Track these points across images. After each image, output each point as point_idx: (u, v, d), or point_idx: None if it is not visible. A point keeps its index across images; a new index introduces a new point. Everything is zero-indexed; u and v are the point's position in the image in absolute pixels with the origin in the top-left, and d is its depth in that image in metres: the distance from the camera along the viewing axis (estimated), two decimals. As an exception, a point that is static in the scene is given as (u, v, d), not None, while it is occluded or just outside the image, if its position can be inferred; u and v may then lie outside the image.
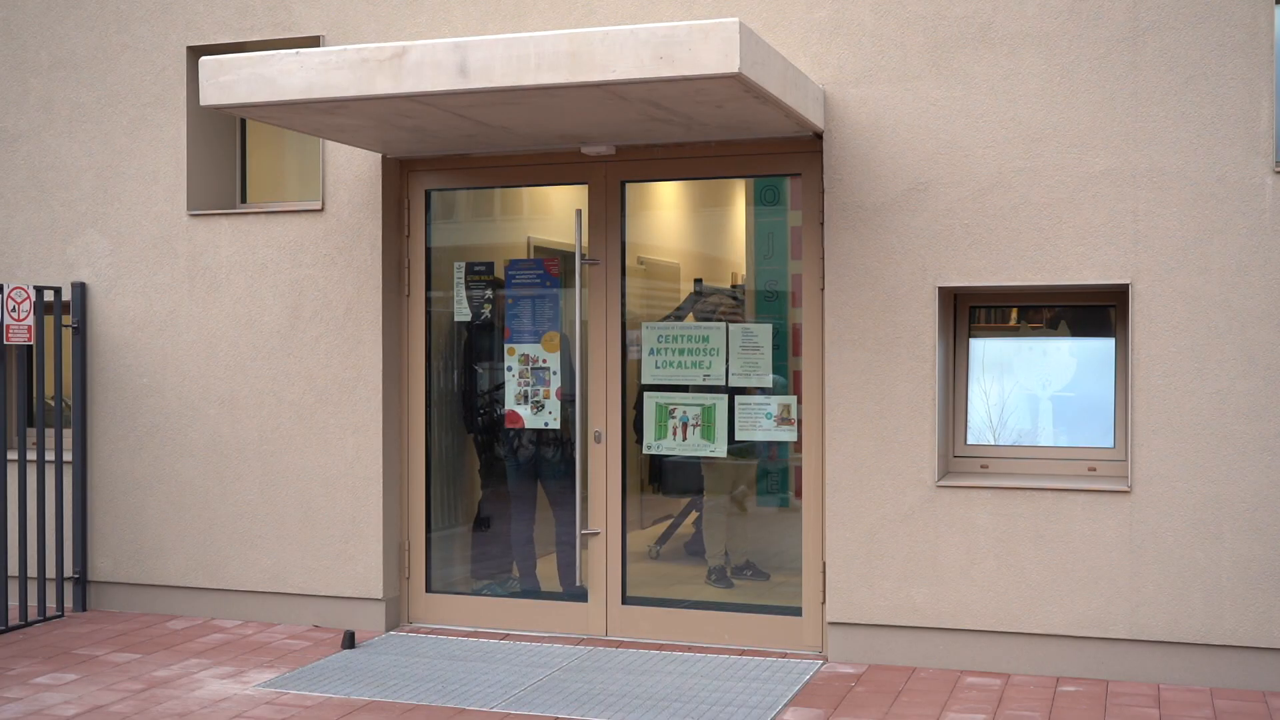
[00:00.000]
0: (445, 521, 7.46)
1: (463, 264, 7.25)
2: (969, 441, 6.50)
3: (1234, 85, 5.84)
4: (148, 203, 7.54)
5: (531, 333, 7.12)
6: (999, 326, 6.57)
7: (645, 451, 6.95)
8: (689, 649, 6.63)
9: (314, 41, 7.26)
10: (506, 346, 7.14)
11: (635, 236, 7.02)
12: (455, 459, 7.53)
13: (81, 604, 7.66)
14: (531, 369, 7.04)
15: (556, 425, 7.07)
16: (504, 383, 7.17)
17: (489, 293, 7.23)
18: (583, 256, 6.67)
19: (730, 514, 7.16)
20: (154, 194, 7.53)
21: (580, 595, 6.96)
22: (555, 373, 7.06)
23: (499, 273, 7.24)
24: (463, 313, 7.26)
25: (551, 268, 7.15)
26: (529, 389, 7.06)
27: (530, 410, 7.08)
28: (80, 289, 7.63)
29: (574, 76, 5.17)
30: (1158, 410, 5.95)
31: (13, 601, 7.53)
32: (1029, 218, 6.10)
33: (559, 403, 7.06)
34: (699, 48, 4.99)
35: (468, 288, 7.23)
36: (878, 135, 6.30)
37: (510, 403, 7.15)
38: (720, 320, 6.91)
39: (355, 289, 7.14)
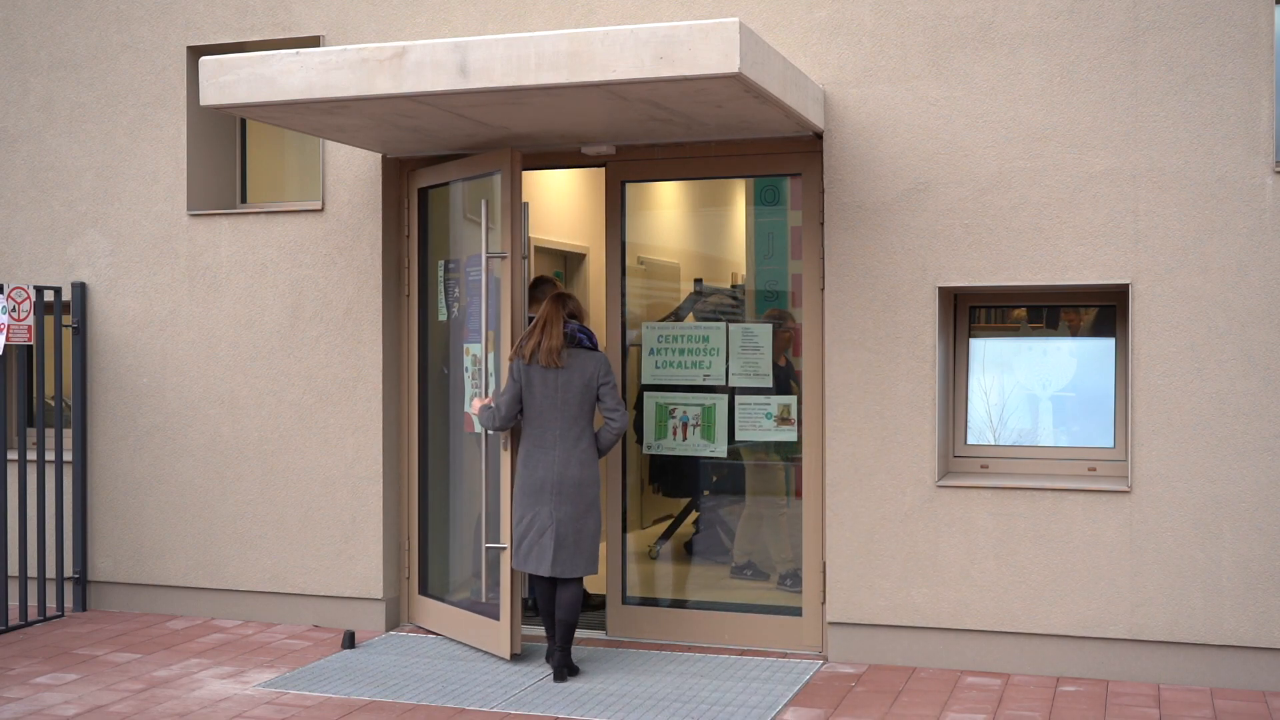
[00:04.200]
0: (445, 521, 7.44)
1: (443, 262, 7.13)
2: (969, 441, 6.50)
3: (1234, 85, 5.84)
4: (148, 203, 7.55)
5: (478, 332, 6.67)
6: (999, 326, 6.57)
7: (645, 451, 6.94)
8: (689, 649, 6.63)
9: (314, 41, 7.26)
10: (464, 346, 6.85)
11: (635, 236, 7.02)
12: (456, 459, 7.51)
13: (81, 604, 7.66)
14: (479, 369, 6.61)
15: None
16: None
17: (458, 290, 7.01)
18: (490, 253, 6.39)
19: (760, 516, 7.08)
20: (154, 194, 7.53)
21: (580, 595, 6.95)
22: (492, 374, 6.50)
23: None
24: (442, 311, 7.15)
25: (494, 265, 6.74)
26: (480, 390, 6.60)
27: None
28: (80, 289, 7.63)
29: (574, 76, 5.17)
30: (1158, 410, 5.95)
31: (13, 601, 7.53)
32: (1029, 218, 6.10)
33: None
34: (699, 48, 4.99)
35: (445, 286, 7.12)
36: (878, 135, 6.30)
37: (467, 404, 6.82)
38: (720, 321, 6.89)
39: (355, 289, 7.14)
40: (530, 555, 6.12)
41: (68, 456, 7.72)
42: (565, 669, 6.08)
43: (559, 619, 6.10)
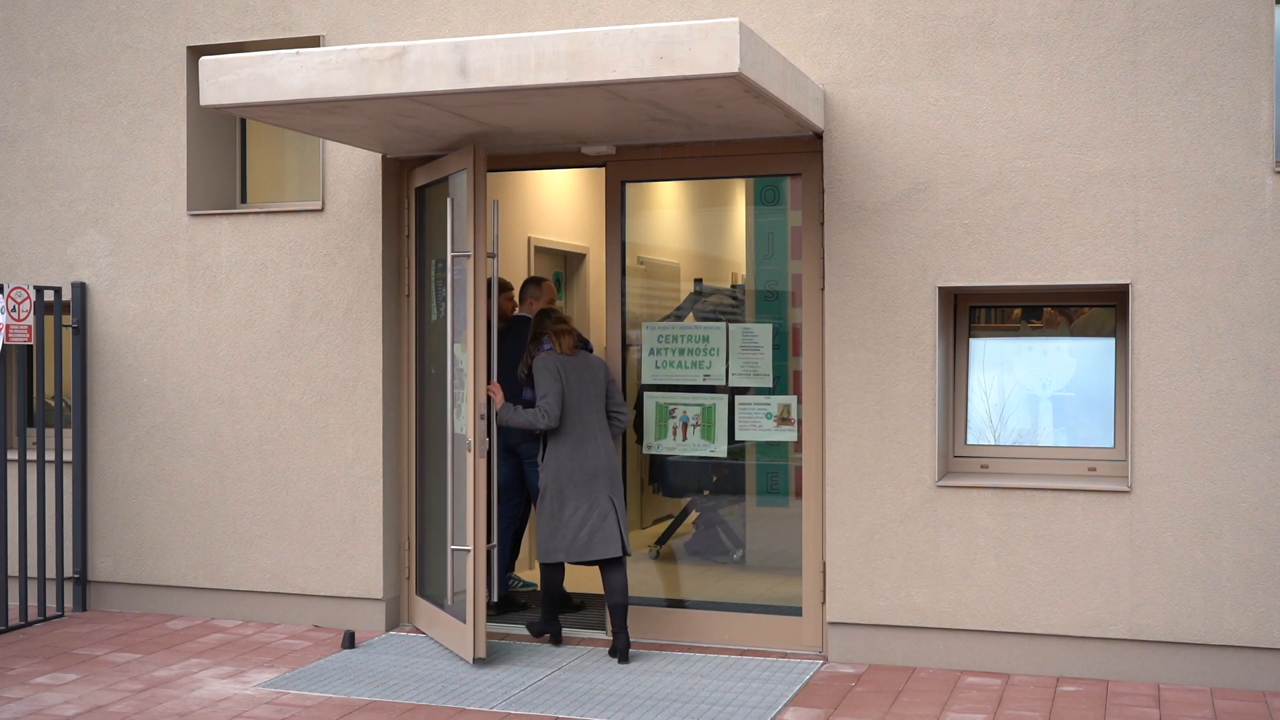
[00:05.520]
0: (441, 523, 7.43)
1: (435, 261, 7.05)
2: (969, 441, 6.51)
3: (1234, 85, 5.84)
4: (148, 203, 7.55)
5: (456, 331, 6.52)
6: (999, 326, 6.57)
7: (645, 451, 6.94)
8: (689, 649, 6.63)
9: (314, 41, 7.26)
10: (448, 346, 6.65)
11: (635, 236, 7.02)
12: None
13: (81, 604, 7.66)
14: (457, 370, 6.51)
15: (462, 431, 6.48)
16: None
17: (446, 290, 6.92)
18: (455, 255, 6.34)
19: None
20: (154, 194, 7.54)
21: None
22: (462, 372, 6.42)
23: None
24: (434, 311, 7.07)
25: (460, 264, 6.62)
26: (457, 391, 6.51)
27: (454, 414, 6.54)
28: (80, 289, 7.63)
29: (574, 76, 5.17)
30: (1158, 410, 5.95)
31: (13, 601, 7.53)
32: (1029, 218, 6.11)
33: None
34: (699, 48, 4.99)
35: (435, 285, 7.10)
36: (878, 135, 6.31)
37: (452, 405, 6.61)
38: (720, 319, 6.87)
39: (355, 289, 7.14)
40: (594, 542, 6.33)
41: (68, 456, 7.72)
42: (629, 648, 6.42)
43: (617, 603, 6.37)
